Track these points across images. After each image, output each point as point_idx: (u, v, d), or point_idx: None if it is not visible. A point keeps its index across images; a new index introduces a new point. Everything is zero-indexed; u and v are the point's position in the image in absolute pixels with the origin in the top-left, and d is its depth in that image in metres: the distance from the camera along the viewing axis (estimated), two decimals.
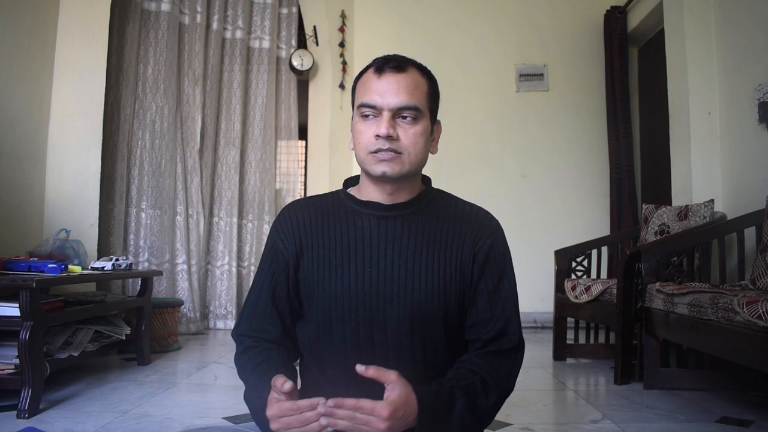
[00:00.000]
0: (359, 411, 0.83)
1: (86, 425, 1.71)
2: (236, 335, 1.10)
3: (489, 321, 1.02)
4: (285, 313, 1.07)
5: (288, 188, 4.25)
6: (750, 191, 2.66)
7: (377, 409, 0.83)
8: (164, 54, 3.55)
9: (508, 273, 1.05)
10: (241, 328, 1.10)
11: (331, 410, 0.83)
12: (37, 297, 1.83)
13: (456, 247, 1.02)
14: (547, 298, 3.60)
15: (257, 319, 1.07)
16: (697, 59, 3.01)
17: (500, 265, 1.04)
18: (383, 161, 0.97)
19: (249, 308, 1.10)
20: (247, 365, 1.03)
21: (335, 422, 0.83)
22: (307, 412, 0.84)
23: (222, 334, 3.63)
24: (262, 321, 1.07)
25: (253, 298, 1.09)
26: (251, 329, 1.07)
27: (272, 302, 1.07)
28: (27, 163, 2.76)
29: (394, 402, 0.85)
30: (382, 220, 1.03)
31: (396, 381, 0.87)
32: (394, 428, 0.84)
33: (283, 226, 1.08)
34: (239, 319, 1.11)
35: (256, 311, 1.08)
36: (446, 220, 1.04)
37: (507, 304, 1.03)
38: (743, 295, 1.67)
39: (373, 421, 0.83)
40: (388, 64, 0.99)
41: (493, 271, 1.03)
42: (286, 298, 1.07)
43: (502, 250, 1.06)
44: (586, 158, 4.27)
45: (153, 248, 3.47)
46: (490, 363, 1.00)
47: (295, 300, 1.07)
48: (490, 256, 1.03)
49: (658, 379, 2.27)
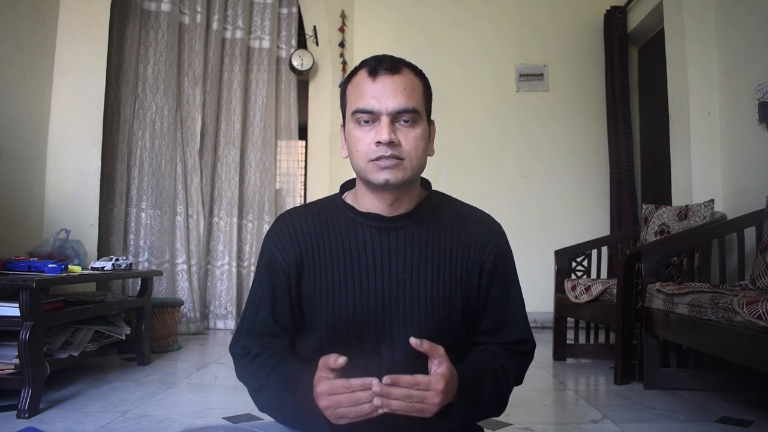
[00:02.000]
0: (416, 387, 0.81)
1: (86, 425, 1.71)
2: (239, 348, 1.02)
3: (502, 326, 1.02)
4: (288, 328, 1.01)
5: (288, 188, 4.25)
6: (750, 191, 2.66)
7: (433, 383, 0.82)
8: (164, 54, 3.55)
9: (514, 280, 1.05)
10: (242, 342, 1.02)
11: (386, 389, 0.80)
12: (37, 297, 1.83)
13: (461, 256, 1.00)
14: (547, 298, 3.59)
15: (258, 333, 1.01)
16: (697, 59, 3.01)
17: (508, 272, 1.04)
18: (385, 169, 0.92)
19: (248, 324, 1.02)
20: (261, 370, 0.96)
21: (389, 402, 0.80)
22: (359, 391, 0.81)
23: (222, 334, 3.63)
24: (264, 334, 1.01)
25: (250, 315, 1.02)
26: (253, 343, 1.01)
27: (273, 317, 1.00)
28: (27, 163, 2.76)
29: (445, 375, 0.84)
30: (384, 232, 0.99)
31: (444, 355, 0.86)
32: (443, 403, 0.83)
33: (281, 237, 1.01)
34: (236, 336, 1.04)
35: (256, 326, 1.01)
36: (449, 228, 1.01)
37: (517, 309, 1.04)
38: (743, 295, 1.67)
39: (429, 396, 0.81)
40: (382, 66, 0.93)
41: (502, 279, 1.03)
42: (288, 313, 1.01)
43: (508, 257, 1.05)
44: (586, 158, 4.26)
45: (153, 248, 3.47)
46: (506, 355, 1.02)
47: (298, 314, 1.02)
48: (498, 265, 1.02)
49: (658, 379, 2.27)
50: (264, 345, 1.00)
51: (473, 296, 1.01)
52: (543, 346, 3.27)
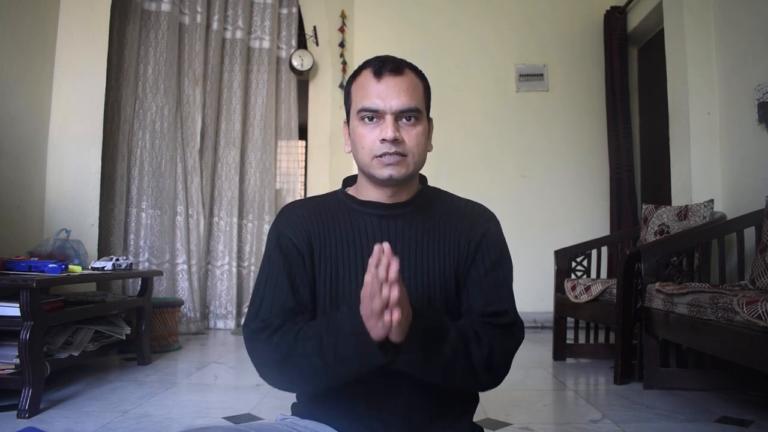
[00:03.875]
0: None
1: (86, 425, 1.71)
2: (258, 323, 0.96)
3: (481, 307, 1.00)
4: (307, 304, 0.99)
5: (288, 188, 4.25)
6: (750, 191, 2.67)
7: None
8: (164, 54, 3.56)
9: (503, 261, 1.04)
10: (261, 316, 0.97)
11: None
12: (37, 297, 1.83)
13: (453, 240, 1.03)
14: (547, 298, 3.60)
15: (279, 310, 0.97)
16: (696, 59, 3.02)
17: (495, 253, 1.04)
18: (389, 165, 0.98)
19: (267, 301, 0.98)
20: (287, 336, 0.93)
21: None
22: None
23: (222, 334, 3.63)
24: (284, 311, 0.97)
25: (269, 290, 0.98)
26: (275, 317, 0.96)
27: (293, 294, 0.98)
28: (27, 162, 2.76)
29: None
30: (384, 219, 1.04)
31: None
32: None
33: (291, 221, 1.03)
34: (252, 314, 0.98)
35: (275, 302, 0.97)
36: (444, 216, 1.06)
37: (502, 292, 1.02)
38: (743, 295, 1.68)
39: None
40: (386, 67, 0.99)
41: (485, 258, 1.03)
42: (306, 290, 0.99)
43: (496, 239, 1.05)
44: (586, 158, 4.27)
45: (153, 248, 3.47)
46: (485, 328, 0.97)
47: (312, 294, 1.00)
48: (482, 243, 1.03)
49: (657, 379, 2.28)
50: (285, 318, 0.97)
51: (462, 278, 1.03)
52: (543, 346, 3.27)
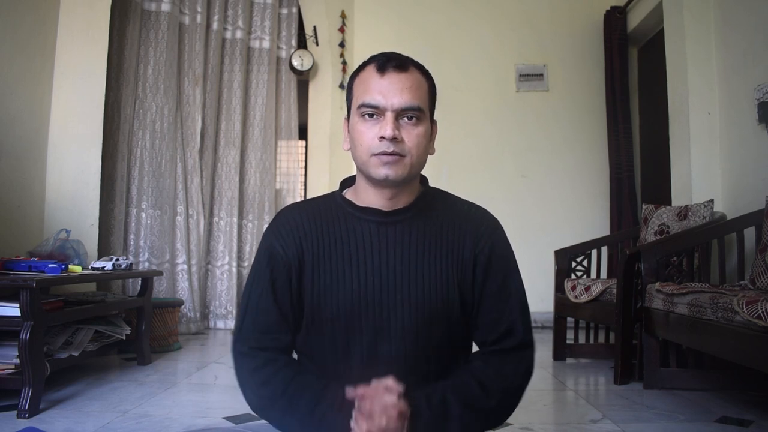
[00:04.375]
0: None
1: (86, 425, 1.71)
2: (246, 348, 0.98)
3: (496, 322, 1.00)
4: (290, 321, 1.00)
5: (288, 188, 4.25)
6: (750, 191, 2.67)
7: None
8: (164, 54, 3.56)
9: (512, 272, 1.03)
10: (249, 341, 0.99)
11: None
12: (37, 297, 1.83)
13: (456, 249, 1.00)
14: (547, 298, 3.59)
15: (262, 328, 0.99)
16: (696, 59, 3.02)
17: (504, 265, 1.03)
18: (386, 164, 0.94)
19: (249, 317, 1.00)
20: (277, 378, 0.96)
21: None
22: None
23: (222, 333, 3.63)
24: (268, 330, 0.99)
25: (253, 305, 1.00)
26: (259, 340, 0.98)
27: (277, 310, 0.99)
28: (27, 162, 2.76)
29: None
30: (382, 226, 1.00)
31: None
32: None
33: (282, 231, 1.01)
34: (239, 333, 1.01)
35: (259, 321, 0.99)
36: (445, 222, 1.02)
37: (513, 304, 1.01)
38: (743, 295, 1.68)
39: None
40: (391, 63, 0.95)
41: (497, 272, 1.01)
42: (290, 306, 1.00)
43: (504, 249, 1.04)
44: (586, 158, 4.27)
45: (153, 248, 3.47)
46: (492, 364, 0.99)
47: (297, 308, 1.01)
48: (493, 258, 1.01)
49: (657, 379, 2.28)
50: (269, 346, 0.99)
51: (468, 290, 1.01)
52: (543, 346, 3.27)
